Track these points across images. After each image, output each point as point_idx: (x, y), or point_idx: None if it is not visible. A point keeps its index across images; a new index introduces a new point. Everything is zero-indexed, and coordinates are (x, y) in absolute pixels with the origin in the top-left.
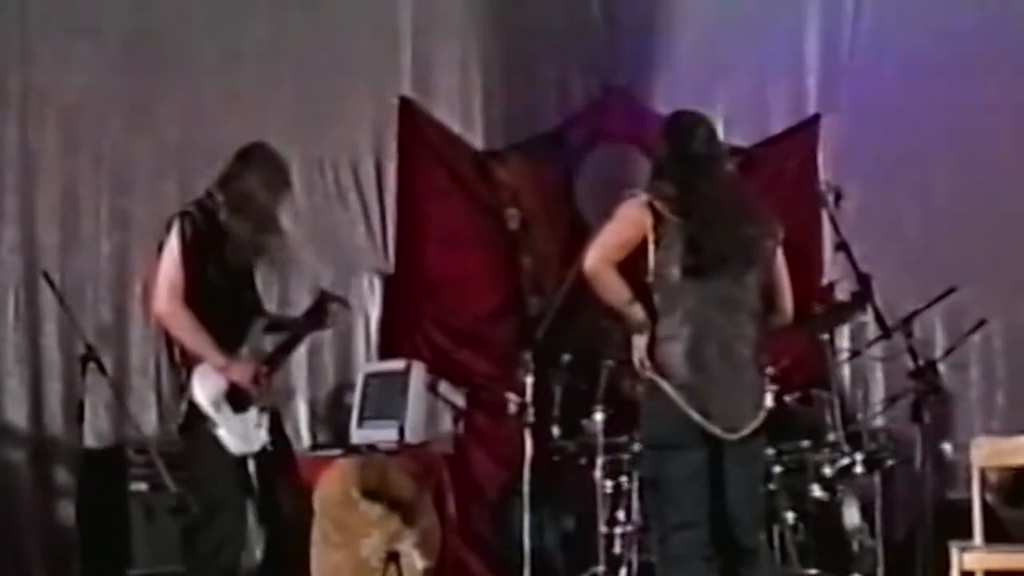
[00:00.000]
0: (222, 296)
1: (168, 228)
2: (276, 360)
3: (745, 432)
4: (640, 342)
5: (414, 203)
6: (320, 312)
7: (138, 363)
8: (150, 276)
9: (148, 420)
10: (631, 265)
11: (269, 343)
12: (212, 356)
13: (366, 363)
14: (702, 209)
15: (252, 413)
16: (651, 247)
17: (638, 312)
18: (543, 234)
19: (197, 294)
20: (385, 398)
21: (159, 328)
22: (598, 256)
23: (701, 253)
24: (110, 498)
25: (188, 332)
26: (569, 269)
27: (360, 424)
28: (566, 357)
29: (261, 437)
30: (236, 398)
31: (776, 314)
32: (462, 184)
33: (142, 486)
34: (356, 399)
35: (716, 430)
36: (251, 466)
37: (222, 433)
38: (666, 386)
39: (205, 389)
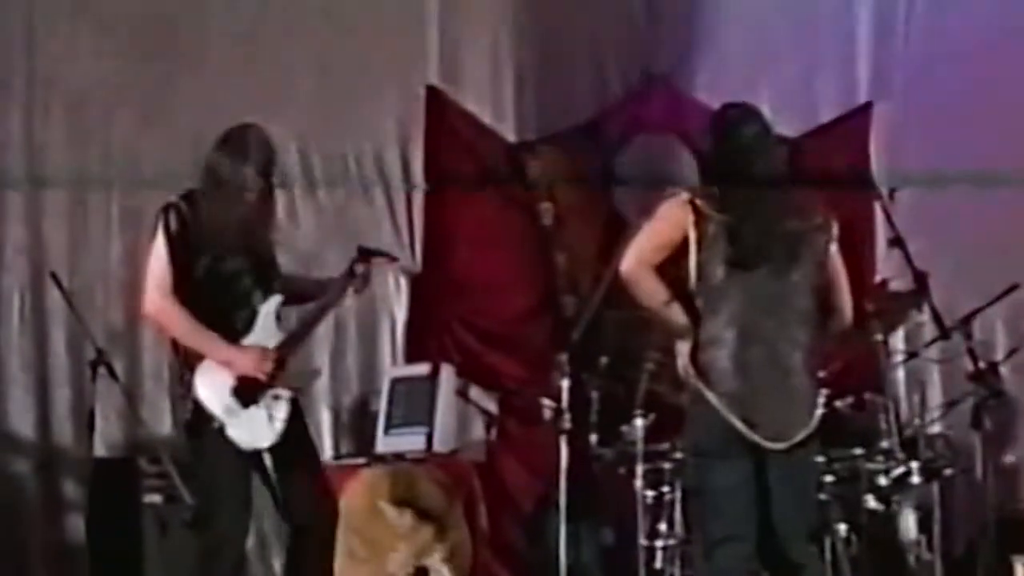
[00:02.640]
0: (219, 285)
1: (156, 224)
2: (293, 341)
3: (794, 441)
4: (683, 347)
5: (442, 198)
6: (350, 274)
7: (151, 368)
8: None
9: (162, 428)
10: (672, 266)
11: (295, 316)
12: (212, 350)
13: (392, 367)
14: (744, 203)
15: (263, 404)
16: (693, 247)
17: (679, 316)
18: (579, 230)
19: (192, 287)
20: (412, 404)
21: (155, 329)
22: (635, 259)
23: (741, 245)
24: (122, 511)
25: (181, 328)
26: (606, 267)
27: (386, 431)
28: (604, 360)
29: (275, 429)
30: (244, 391)
31: (834, 317)
32: (493, 178)
33: (156, 498)
34: (382, 405)
35: (759, 439)
36: (267, 460)
37: (231, 432)
38: (709, 394)
39: (209, 386)
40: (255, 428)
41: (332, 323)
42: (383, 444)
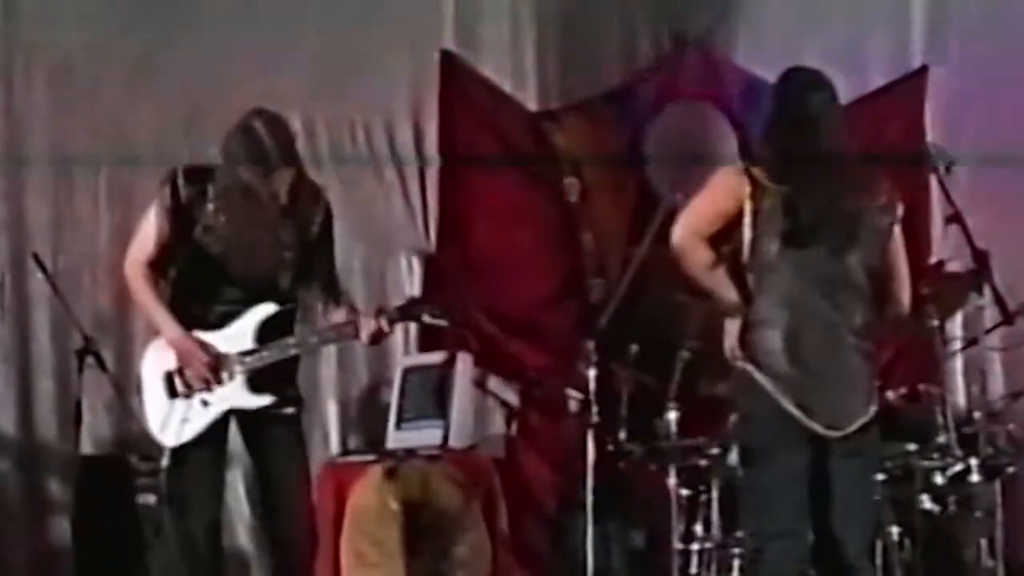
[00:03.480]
0: (208, 266)
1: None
2: (257, 358)
3: (852, 429)
4: (732, 327)
5: (458, 173)
6: (349, 325)
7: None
8: None
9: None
10: (722, 241)
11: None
12: (162, 328)
13: (404, 356)
14: (803, 175)
15: (185, 404)
16: (747, 220)
17: (730, 292)
18: (607, 207)
19: (178, 261)
20: (426, 396)
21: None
22: (688, 228)
23: (799, 221)
24: (112, 513)
25: (141, 297)
26: (636, 247)
27: (398, 426)
28: (634, 348)
29: (181, 433)
30: (176, 382)
31: (890, 305)
32: (513, 150)
33: (149, 498)
34: (393, 397)
35: (818, 427)
36: (164, 460)
37: (146, 413)
38: (760, 377)
39: (151, 363)
40: (167, 422)
41: None
42: (394, 439)
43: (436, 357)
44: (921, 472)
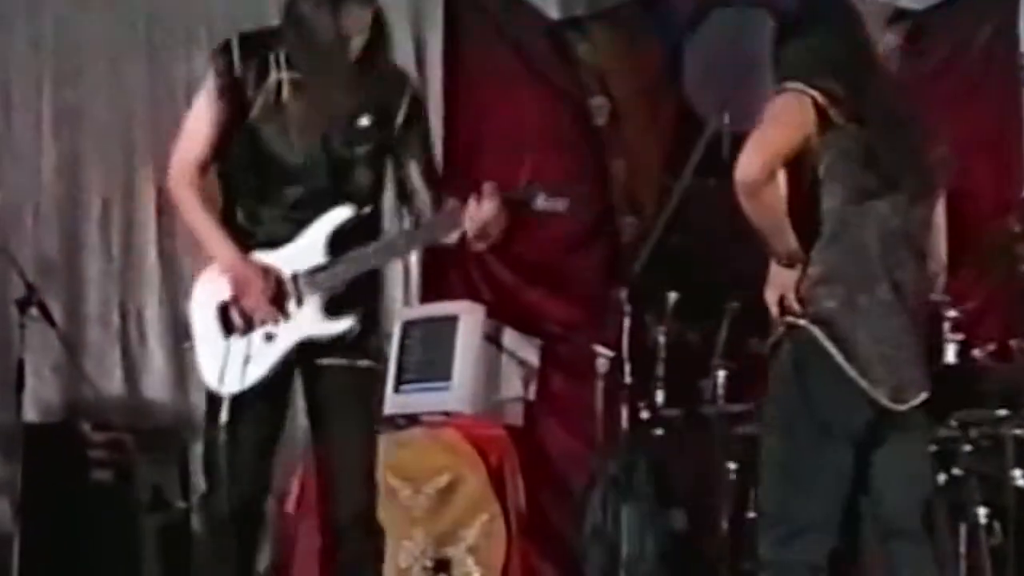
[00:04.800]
0: (265, 163)
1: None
2: (325, 276)
3: (913, 403)
4: (784, 279)
5: (467, 93)
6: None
7: (97, 309)
8: None
9: (111, 386)
10: None
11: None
12: (215, 251)
13: (404, 308)
14: (879, 116)
15: (245, 341)
16: (815, 161)
17: (792, 240)
18: (640, 131)
19: (231, 161)
20: (430, 354)
21: None
22: (766, 160)
23: (878, 168)
24: (61, 491)
25: (190, 216)
26: (675, 178)
27: (397, 388)
28: (673, 297)
29: (246, 377)
30: (233, 314)
31: (929, 259)
32: (531, 67)
33: (106, 474)
34: (392, 356)
35: (883, 399)
36: (224, 414)
37: (200, 361)
38: (819, 334)
39: (199, 298)
40: (225, 367)
41: None
42: (393, 404)
43: (442, 309)
44: (1013, 442)
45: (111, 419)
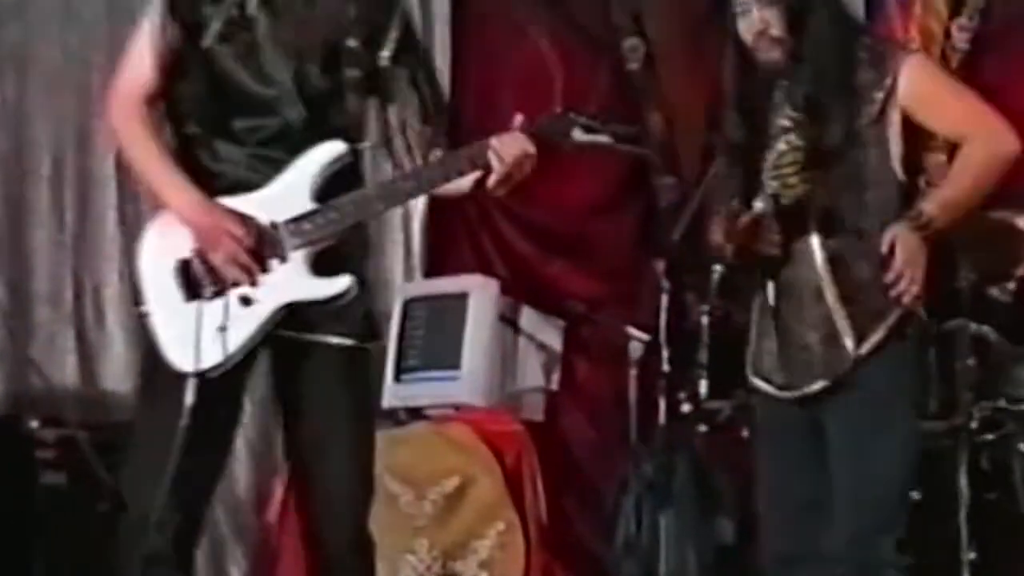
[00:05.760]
0: (230, 92)
1: None
2: (315, 227)
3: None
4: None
5: (479, 36)
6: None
7: (46, 286)
8: None
9: (63, 375)
10: None
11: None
12: (172, 196)
13: (406, 283)
14: None
15: (215, 306)
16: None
17: None
18: (679, 77)
19: (184, 91)
20: (436, 337)
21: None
22: None
23: None
24: (5, 496)
25: (138, 152)
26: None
27: (398, 377)
28: (718, 270)
29: (223, 348)
30: (198, 274)
31: None
32: (552, 4)
33: (57, 478)
34: (391, 339)
35: None
36: (189, 396)
37: (158, 331)
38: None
39: (148, 253)
40: (189, 335)
41: None
42: (393, 395)
43: (450, 284)
44: None
45: (63, 414)
